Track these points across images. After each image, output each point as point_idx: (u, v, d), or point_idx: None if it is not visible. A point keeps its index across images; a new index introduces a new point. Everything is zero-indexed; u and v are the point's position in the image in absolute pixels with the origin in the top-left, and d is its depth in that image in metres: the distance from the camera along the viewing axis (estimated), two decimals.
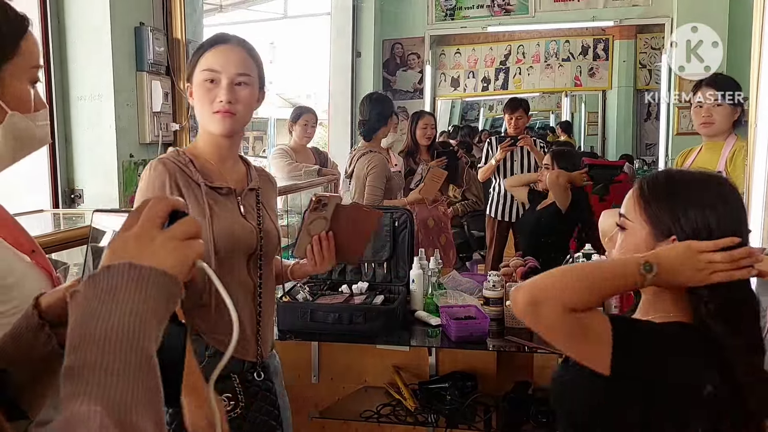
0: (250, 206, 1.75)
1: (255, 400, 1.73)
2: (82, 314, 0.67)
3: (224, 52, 1.66)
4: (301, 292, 2.71)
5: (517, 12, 6.71)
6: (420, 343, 2.60)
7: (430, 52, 7.24)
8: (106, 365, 0.63)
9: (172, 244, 0.72)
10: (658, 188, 1.32)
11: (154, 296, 0.68)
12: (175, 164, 1.64)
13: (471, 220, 5.39)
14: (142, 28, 2.78)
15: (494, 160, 4.73)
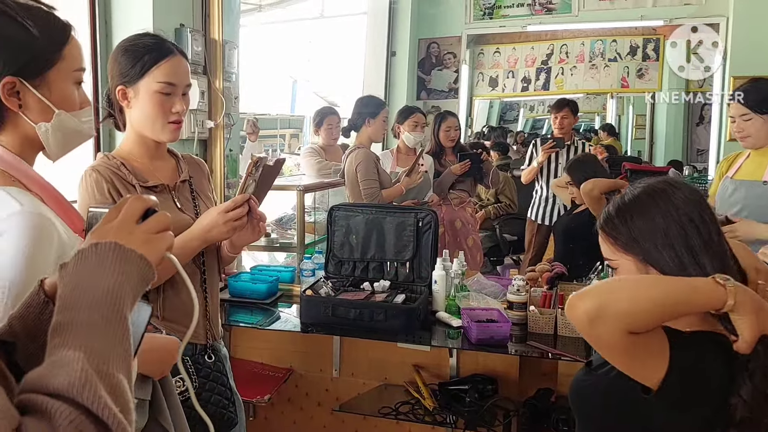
0: (185, 198, 1.94)
1: (208, 380, 1.94)
2: (71, 281, 0.81)
3: (177, 64, 1.84)
4: (323, 287, 2.91)
5: (559, 11, 6.72)
6: (441, 343, 2.75)
7: (467, 51, 7.27)
8: (90, 321, 0.76)
9: (146, 236, 0.90)
10: (613, 221, 1.39)
11: (131, 273, 0.84)
12: (108, 169, 1.81)
13: (503, 223, 5.49)
14: (182, 29, 3.03)
15: (536, 162, 4.80)
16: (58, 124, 1.26)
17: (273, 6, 7.29)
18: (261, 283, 3.19)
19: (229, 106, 3.29)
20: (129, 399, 0.74)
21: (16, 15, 1.16)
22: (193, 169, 2.04)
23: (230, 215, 1.82)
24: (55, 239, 1.17)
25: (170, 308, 1.86)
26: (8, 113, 1.21)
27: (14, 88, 1.19)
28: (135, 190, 1.81)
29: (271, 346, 3.12)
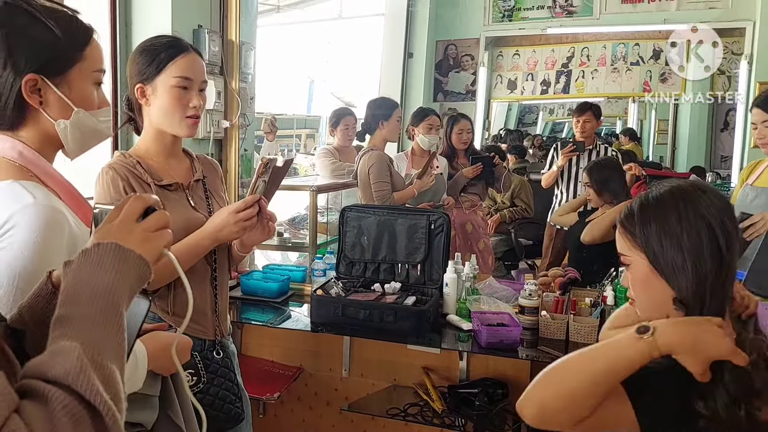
0: (198, 197, 2.02)
1: (215, 376, 2.01)
2: (73, 277, 0.88)
3: (193, 60, 1.93)
4: (334, 287, 2.97)
5: (580, 14, 6.70)
6: (451, 346, 2.78)
7: (485, 53, 7.28)
8: (89, 315, 0.83)
9: (145, 235, 0.97)
10: (633, 217, 1.39)
11: (130, 272, 0.91)
12: (124, 167, 1.89)
13: (519, 228, 5.48)
14: (200, 30, 3.12)
15: (556, 166, 4.78)
16: (76, 122, 1.33)
17: (291, 7, 7.38)
18: (273, 281, 3.25)
19: (244, 106, 3.36)
20: (120, 388, 0.80)
21: (40, 16, 1.24)
22: (207, 169, 2.12)
23: (240, 215, 1.89)
24: (66, 231, 1.24)
25: (180, 304, 1.93)
26: (29, 110, 1.28)
27: (36, 85, 1.26)
28: (150, 188, 1.88)
29: (282, 345, 3.18)
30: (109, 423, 0.73)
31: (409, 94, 7.08)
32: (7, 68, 1.22)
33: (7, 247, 1.17)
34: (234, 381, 2.09)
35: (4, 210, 1.18)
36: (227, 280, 2.18)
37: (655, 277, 1.35)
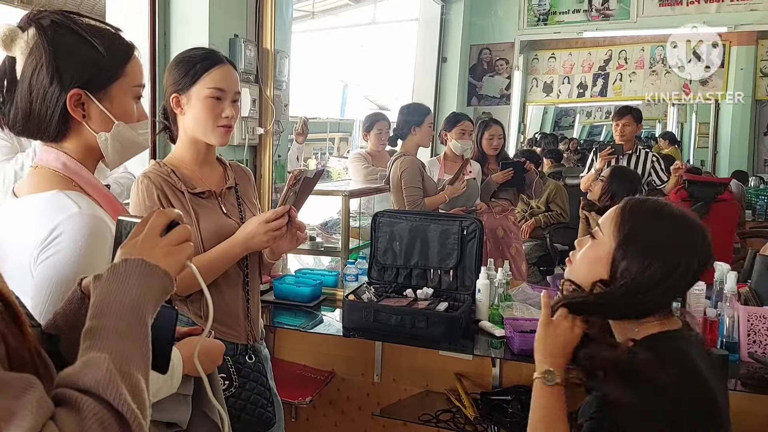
0: (231, 204, 2.09)
1: (248, 380, 2.07)
2: (102, 291, 0.95)
3: (227, 72, 2.00)
4: (366, 292, 3.00)
5: (617, 17, 6.67)
6: (483, 352, 2.79)
7: (520, 57, 7.27)
8: (117, 328, 0.90)
9: (168, 249, 1.04)
10: (635, 210, 1.51)
11: (154, 286, 0.98)
12: (158, 176, 1.97)
13: (554, 233, 5.45)
14: (236, 39, 3.19)
15: (594, 169, 4.74)
16: (117, 135, 1.40)
17: (325, 12, 7.44)
18: (305, 286, 3.30)
19: (278, 113, 3.44)
20: (145, 397, 0.86)
21: (86, 34, 1.32)
22: (239, 177, 2.19)
23: (271, 225, 1.96)
24: (109, 240, 1.29)
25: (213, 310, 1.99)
26: (73, 123, 1.35)
27: (80, 99, 1.33)
28: (183, 196, 1.97)
29: (314, 349, 3.23)
30: (136, 430, 0.79)
31: (442, 98, 7.11)
32: (54, 83, 1.29)
33: (54, 254, 1.23)
34: (266, 385, 2.14)
35: (50, 219, 1.25)
36: (259, 285, 2.24)
37: (605, 261, 1.49)
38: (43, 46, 1.28)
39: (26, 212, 1.30)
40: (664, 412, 1.35)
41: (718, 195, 4.20)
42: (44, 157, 1.37)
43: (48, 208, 1.28)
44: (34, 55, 1.29)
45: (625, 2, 6.63)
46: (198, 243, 1.94)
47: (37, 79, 1.29)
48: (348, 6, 7.56)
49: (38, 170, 1.37)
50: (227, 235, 2.00)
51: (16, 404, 0.71)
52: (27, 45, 1.29)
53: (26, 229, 1.27)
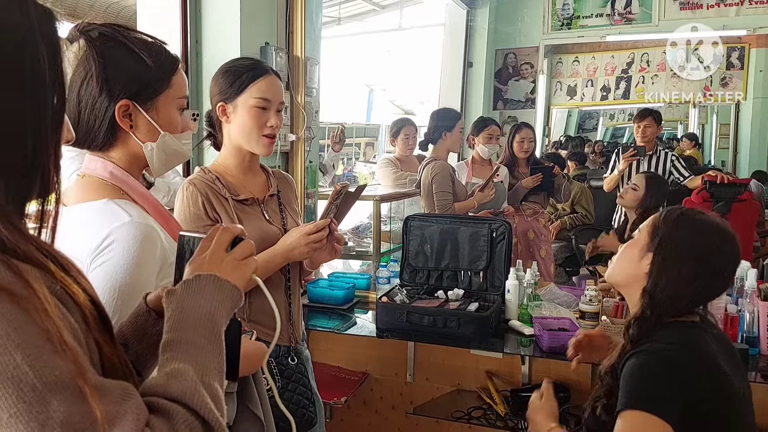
0: (273, 211, 2.12)
1: (290, 381, 2.10)
2: (177, 306, 0.98)
3: (272, 83, 2.04)
4: (398, 294, 3.03)
5: (639, 21, 6.67)
6: (513, 351, 2.83)
7: (545, 61, 7.31)
8: (195, 341, 0.93)
9: (234, 264, 1.08)
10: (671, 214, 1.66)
11: (225, 300, 1.01)
12: (203, 183, 2.01)
13: (580, 234, 5.38)
14: (267, 47, 3.22)
15: (618, 170, 4.79)
16: (162, 145, 1.43)
17: (351, 18, 7.49)
18: (338, 289, 3.32)
19: (309, 119, 3.47)
20: (223, 404, 0.90)
21: (134, 47, 1.34)
22: (281, 184, 2.23)
23: (311, 238, 2.01)
24: (159, 245, 1.33)
25: (256, 311, 2.03)
26: (120, 132, 1.38)
27: (128, 110, 1.36)
28: (228, 202, 2.00)
29: (348, 351, 3.26)
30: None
31: (469, 102, 7.15)
32: (103, 94, 1.32)
33: (107, 261, 1.26)
34: (308, 386, 2.17)
35: (103, 228, 1.28)
36: (299, 289, 2.29)
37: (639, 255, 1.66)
38: (92, 57, 1.30)
39: (77, 221, 1.32)
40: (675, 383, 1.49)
41: (739, 195, 4.23)
42: (91, 165, 1.40)
43: (100, 216, 1.31)
44: (84, 66, 1.32)
45: (647, 6, 6.65)
46: None
47: (86, 90, 1.32)
48: (374, 12, 7.59)
49: (85, 179, 1.39)
50: (270, 240, 2.04)
51: (118, 410, 0.75)
52: (75, 57, 1.32)
53: (78, 238, 1.28)
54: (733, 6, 6.42)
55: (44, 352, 0.72)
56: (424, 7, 7.91)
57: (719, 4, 6.44)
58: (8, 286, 0.73)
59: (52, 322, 0.74)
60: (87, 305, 0.86)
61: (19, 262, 0.77)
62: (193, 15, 3.14)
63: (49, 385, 0.71)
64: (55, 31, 0.87)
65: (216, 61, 3.20)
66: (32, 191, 0.84)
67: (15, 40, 0.80)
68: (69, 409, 0.71)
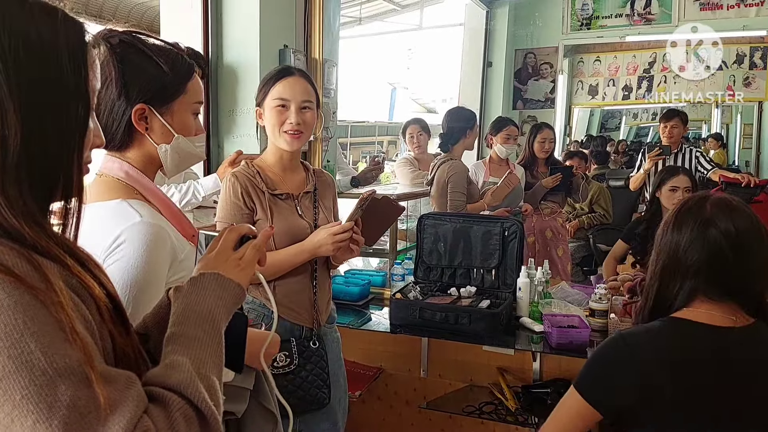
0: (306, 207, 2.28)
1: (308, 362, 2.23)
2: (182, 302, 1.06)
3: (291, 83, 2.20)
4: (412, 291, 3.09)
5: (658, 21, 6.65)
6: (524, 347, 2.86)
7: (566, 60, 7.27)
8: (195, 335, 1.00)
9: (238, 263, 1.16)
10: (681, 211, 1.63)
11: (227, 297, 1.09)
12: (245, 176, 2.21)
13: (598, 234, 5.47)
14: (285, 50, 3.31)
15: (643, 170, 4.84)
16: (176, 147, 1.50)
17: (372, 18, 7.56)
18: (354, 286, 3.39)
19: (327, 120, 3.55)
20: (219, 396, 0.96)
21: (151, 54, 1.43)
22: (320, 182, 2.39)
23: (337, 237, 2.16)
24: (168, 245, 1.40)
25: (280, 294, 2.20)
26: (136, 134, 1.46)
27: (144, 113, 1.44)
28: (264, 195, 2.19)
29: (363, 346, 3.31)
30: (212, 424, 0.90)
31: (488, 102, 7.19)
32: (121, 98, 1.41)
33: (119, 259, 1.33)
34: (324, 369, 2.29)
35: (115, 227, 1.35)
36: (327, 277, 2.43)
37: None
38: (112, 63, 1.38)
39: (93, 220, 1.36)
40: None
41: (754, 196, 4.27)
42: (108, 165, 1.47)
43: (113, 216, 1.38)
44: (104, 71, 1.39)
45: (667, 6, 6.64)
46: (270, 239, 2.14)
47: (105, 93, 1.40)
48: (395, 11, 7.66)
49: (102, 178, 1.47)
50: (298, 234, 2.21)
51: (120, 396, 0.81)
52: (96, 62, 1.40)
53: (93, 236, 1.33)
54: (753, 6, 6.40)
55: (56, 341, 0.79)
56: (443, 6, 8.00)
57: (739, 4, 6.43)
58: (27, 279, 0.81)
59: (65, 314, 0.81)
60: (102, 298, 0.93)
61: (39, 257, 0.84)
62: (214, 19, 3.24)
63: (58, 371, 0.77)
64: (82, 44, 0.94)
65: (236, 64, 3.31)
66: (56, 192, 0.92)
67: (41, 51, 0.87)
68: (75, 393, 0.77)
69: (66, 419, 0.76)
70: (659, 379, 1.51)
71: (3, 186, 0.84)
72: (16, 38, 0.85)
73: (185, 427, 0.87)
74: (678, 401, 1.51)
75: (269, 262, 1.88)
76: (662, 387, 1.51)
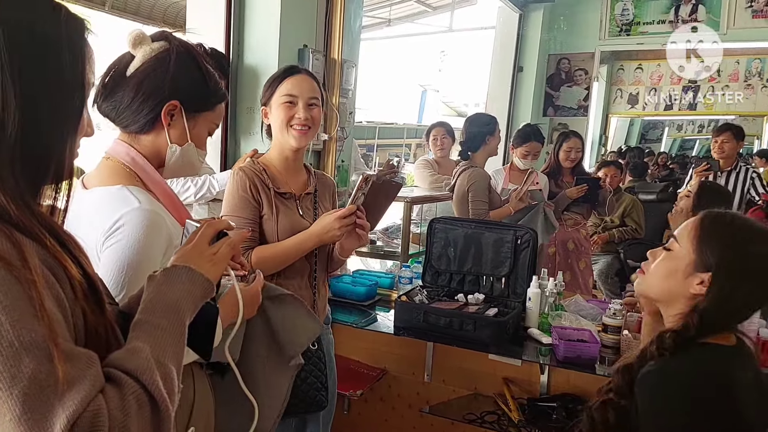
0: (306, 207, 2.44)
1: (307, 364, 2.30)
2: (153, 290, 1.16)
3: (299, 80, 2.38)
4: (419, 294, 3.24)
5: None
6: (531, 358, 2.94)
7: (603, 67, 7.24)
8: (159, 324, 1.09)
9: (212, 258, 1.30)
10: (719, 226, 1.59)
11: (195, 291, 1.20)
12: (252, 170, 2.37)
13: (628, 249, 5.52)
14: (305, 50, 3.50)
15: (690, 186, 4.72)
16: (184, 151, 1.70)
17: (402, 20, 7.66)
18: (360, 286, 3.55)
19: (343, 120, 3.73)
20: (175, 384, 1.04)
21: (202, 67, 1.66)
22: (320, 184, 2.57)
23: (344, 221, 2.29)
24: (164, 231, 1.57)
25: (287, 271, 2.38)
26: (157, 125, 1.65)
27: (174, 110, 1.64)
28: (269, 192, 2.35)
29: (368, 347, 3.46)
30: (163, 411, 1.01)
31: (517, 107, 7.23)
32: (163, 88, 1.60)
33: (117, 242, 1.51)
34: (323, 371, 2.38)
35: (115, 211, 1.53)
36: (325, 280, 2.59)
37: (684, 274, 1.58)
38: (172, 59, 1.60)
39: (95, 204, 1.58)
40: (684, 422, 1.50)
41: None
42: (116, 149, 1.66)
43: (113, 201, 1.55)
44: (160, 62, 1.60)
45: (715, 13, 6.58)
46: (274, 235, 2.33)
47: (151, 80, 1.60)
48: (425, 13, 7.77)
49: (109, 161, 1.66)
50: (299, 232, 2.35)
51: (79, 374, 0.93)
52: (152, 51, 1.60)
53: (94, 219, 1.53)
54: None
55: (25, 316, 0.89)
56: (475, 9, 8.09)
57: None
58: (5, 256, 0.92)
59: (37, 291, 0.91)
60: (77, 277, 1.03)
61: (20, 235, 0.97)
62: (236, 19, 3.45)
63: (24, 344, 0.88)
64: (82, 40, 1.10)
65: (256, 62, 3.51)
66: (46, 176, 1.06)
67: (42, 45, 1.03)
68: (37, 367, 0.87)
69: (26, 390, 0.86)
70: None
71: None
72: (21, 31, 1.00)
73: (136, 411, 0.95)
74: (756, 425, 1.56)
75: (276, 252, 2.23)
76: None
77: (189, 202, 2.93)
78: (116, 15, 5.08)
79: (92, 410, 0.90)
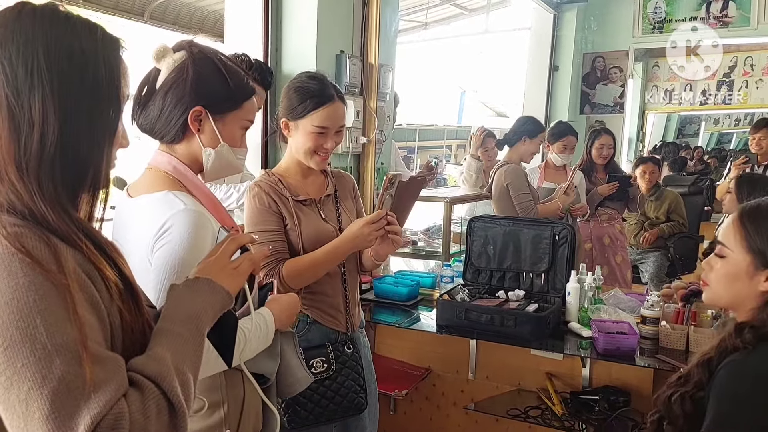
0: (329, 210, 2.37)
1: (344, 367, 2.34)
2: (174, 300, 1.19)
3: (334, 110, 2.28)
4: (460, 293, 3.22)
5: (736, 24, 6.52)
6: (572, 352, 2.93)
7: (638, 65, 7.21)
8: (181, 333, 1.12)
9: (232, 272, 1.32)
10: (759, 219, 1.55)
11: (215, 303, 1.23)
12: (268, 184, 2.30)
13: (677, 243, 5.51)
14: (341, 55, 3.50)
15: (728, 179, 4.80)
16: (219, 153, 1.69)
17: (438, 23, 7.65)
18: (402, 286, 3.53)
19: (381, 123, 3.72)
20: (192, 391, 1.07)
21: (222, 70, 1.65)
22: (339, 184, 2.48)
23: (373, 226, 2.23)
24: (210, 229, 1.58)
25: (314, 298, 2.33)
26: (188, 133, 1.66)
27: (200, 116, 1.64)
28: (288, 202, 2.28)
29: (412, 347, 3.44)
30: (180, 416, 1.01)
31: (554, 106, 7.22)
32: (186, 97, 1.61)
33: (167, 243, 1.52)
34: (360, 374, 2.40)
35: (162, 215, 1.54)
36: (356, 282, 2.54)
37: (747, 275, 1.54)
38: (189, 66, 1.60)
39: (142, 211, 1.59)
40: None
41: None
42: (158, 159, 1.68)
43: (160, 205, 1.57)
44: (180, 71, 1.61)
45: (745, 9, 6.51)
46: (299, 244, 2.26)
47: (174, 91, 1.61)
48: (461, 15, 7.74)
49: (152, 171, 1.67)
50: (324, 238, 2.28)
51: (106, 378, 0.96)
52: (174, 62, 1.61)
53: (143, 226, 1.55)
54: None
55: (59, 320, 0.93)
56: (510, 10, 8.06)
57: None
58: (43, 262, 0.96)
59: (71, 296, 0.95)
60: (113, 278, 1.06)
61: (57, 241, 1.00)
62: (274, 27, 3.46)
63: (56, 347, 0.91)
64: (117, 57, 1.13)
65: (294, 69, 3.51)
66: (84, 184, 1.09)
67: (80, 63, 1.06)
68: (67, 368, 0.91)
69: (55, 390, 0.90)
70: None
71: (38, 175, 1.02)
72: (61, 49, 1.04)
73: (156, 415, 0.98)
74: None
75: (308, 263, 2.18)
76: None
77: (231, 208, 2.93)
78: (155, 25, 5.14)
79: (115, 413, 0.93)
